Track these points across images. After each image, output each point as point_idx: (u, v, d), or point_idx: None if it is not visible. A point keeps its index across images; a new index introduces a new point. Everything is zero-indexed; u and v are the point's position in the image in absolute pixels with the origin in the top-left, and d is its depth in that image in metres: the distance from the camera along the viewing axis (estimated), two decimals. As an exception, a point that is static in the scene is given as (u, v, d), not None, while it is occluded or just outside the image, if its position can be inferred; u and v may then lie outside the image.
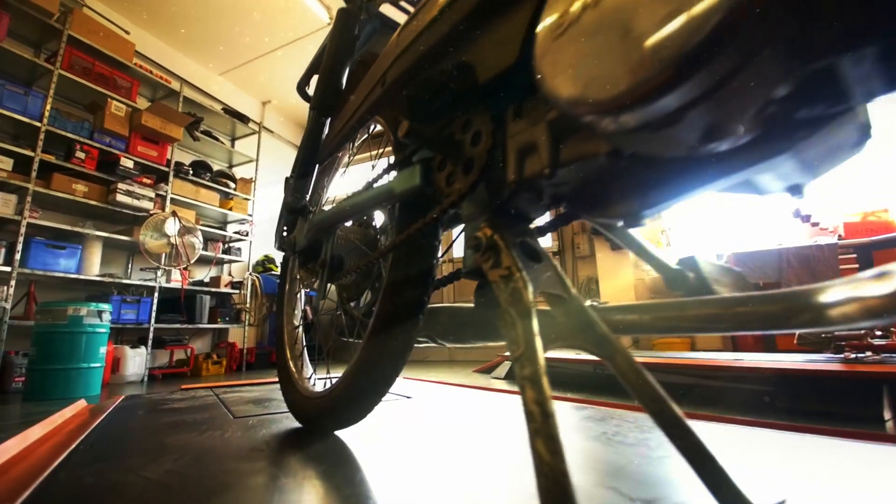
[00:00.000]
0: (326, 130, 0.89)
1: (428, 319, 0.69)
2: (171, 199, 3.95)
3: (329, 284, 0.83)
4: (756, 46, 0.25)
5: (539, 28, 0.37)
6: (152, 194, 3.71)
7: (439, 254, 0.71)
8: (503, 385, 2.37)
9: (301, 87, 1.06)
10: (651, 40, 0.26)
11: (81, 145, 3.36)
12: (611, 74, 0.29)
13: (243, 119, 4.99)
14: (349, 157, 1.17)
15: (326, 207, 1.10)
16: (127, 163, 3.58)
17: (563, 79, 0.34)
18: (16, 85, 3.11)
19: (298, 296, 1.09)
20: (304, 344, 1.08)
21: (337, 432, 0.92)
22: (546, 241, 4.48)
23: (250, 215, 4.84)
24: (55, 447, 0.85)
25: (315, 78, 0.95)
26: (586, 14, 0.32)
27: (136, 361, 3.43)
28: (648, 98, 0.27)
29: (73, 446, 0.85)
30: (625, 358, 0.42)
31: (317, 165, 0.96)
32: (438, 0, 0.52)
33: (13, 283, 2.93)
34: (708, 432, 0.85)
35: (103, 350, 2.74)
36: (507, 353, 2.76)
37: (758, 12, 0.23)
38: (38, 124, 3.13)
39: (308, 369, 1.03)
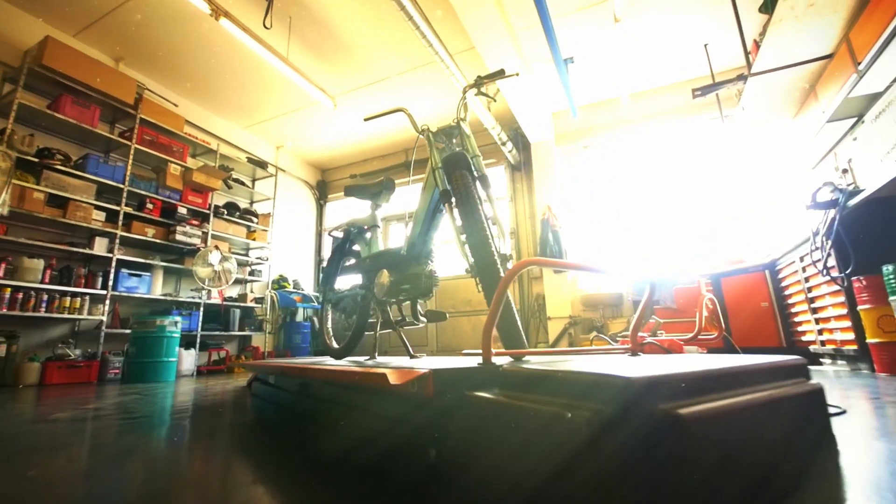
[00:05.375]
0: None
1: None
2: (212, 234, 5.10)
3: (342, 315, 2.08)
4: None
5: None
6: (199, 232, 4.87)
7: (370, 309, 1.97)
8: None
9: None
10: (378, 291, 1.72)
11: (150, 199, 4.52)
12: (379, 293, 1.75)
13: (263, 165, 6.17)
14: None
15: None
16: (182, 210, 4.74)
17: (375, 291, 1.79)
18: (104, 156, 4.27)
19: (328, 316, 2.29)
20: (331, 332, 2.29)
21: (344, 359, 2.15)
22: (505, 265, 5.65)
23: (269, 243, 5.99)
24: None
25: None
26: (381, 278, 1.69)
27: (189, 360, 4.55)
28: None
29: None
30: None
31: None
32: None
33: (108, 302, 4.07)
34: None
35: (177, 349, 3.87)
36: (465, 351, 3.90)
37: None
38: (122, 186, 4.29)
39: (333, 341, 2.27)
